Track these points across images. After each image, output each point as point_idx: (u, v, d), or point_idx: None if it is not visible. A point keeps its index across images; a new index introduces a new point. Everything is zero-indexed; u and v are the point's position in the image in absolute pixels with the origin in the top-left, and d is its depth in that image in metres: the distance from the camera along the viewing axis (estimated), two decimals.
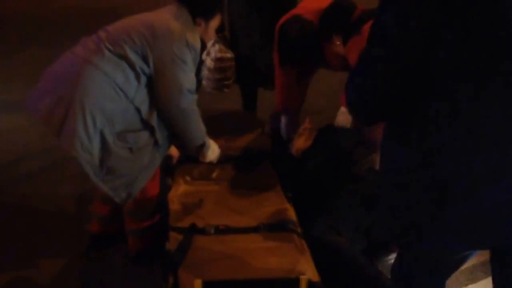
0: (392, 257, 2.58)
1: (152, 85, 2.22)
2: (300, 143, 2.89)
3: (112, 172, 2.21)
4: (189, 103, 2.28)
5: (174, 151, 2.75)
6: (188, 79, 2.25)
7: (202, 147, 2.48)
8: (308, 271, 2.04)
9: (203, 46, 2.38)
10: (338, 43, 2.62)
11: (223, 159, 2.76)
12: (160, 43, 2.18)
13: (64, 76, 2.17)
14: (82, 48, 2.21)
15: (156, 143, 2.29)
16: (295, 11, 2.90)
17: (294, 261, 2.09)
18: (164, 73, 2.20)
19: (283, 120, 3.19)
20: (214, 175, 2.72)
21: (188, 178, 2.69)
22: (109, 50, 2.16)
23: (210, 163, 2.61)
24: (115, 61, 2.15)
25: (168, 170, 2.77)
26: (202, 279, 1.93)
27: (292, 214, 2.42)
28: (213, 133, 2.60)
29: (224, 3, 2.47)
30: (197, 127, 2.39)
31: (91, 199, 2.77)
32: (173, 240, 2.23)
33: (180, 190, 2.59)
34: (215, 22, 2.43)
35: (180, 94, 2.23)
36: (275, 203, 2.49)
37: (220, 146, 2.67)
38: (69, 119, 2.11)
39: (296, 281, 1.94)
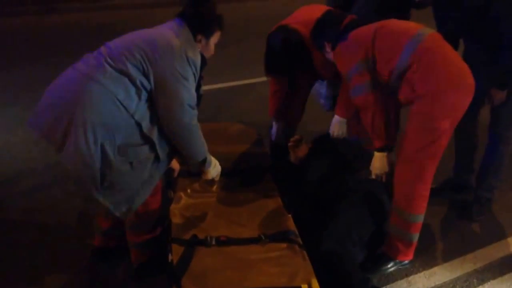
0: (391, 266, 2.61)
1: (153, 101, 2.26)
2: (298, 152, 2.95)
3: (113, 186, 2.23)
4: (191, 118, 2.31)
5: (175, 165, 2.79)
6: (189, 95, 2.29)
7: (204, 163, 2.50)
8: (310, 280, 2.06)
9: (204, 62, 2.42)
10: (329, 50, 2.69)
11: (223, 172, 2.80)
12: (161, 59, 2.22)
13: (66, 92, 2.20)
14: (84, 64, 2.24)
15: (157, 158, 2.31)
16: (283, 22, 2.97)
17: (296, 270, 2.12)
18: (165, 88, 2.24)
19: (274, 126, 3.27)
20: (215, 188, 2.75)
21: (189, 191, 2.72)
22: (111, 66, 2.19)
23: (212, 180, 2.62)
24: (116, 76, 2.19)
25: (169, 183, 2.81)
26: None
27: (292, 224, 2.46)
28: (213, 145, 2.62)
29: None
30: (199, 143, 2.42)
31: (92, 214, 2.79)
32: (175, 252, 2.26)
33: (181, 203, 2.62)
34: (215, 39, 2.48)
35: (182, 109, 2.26)
36: (275, 214, 2.53)
37: (220, 159, 2.69)
38: (70, 135, 2.14)
39: None
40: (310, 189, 2.72)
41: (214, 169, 2.55)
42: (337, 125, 2.94)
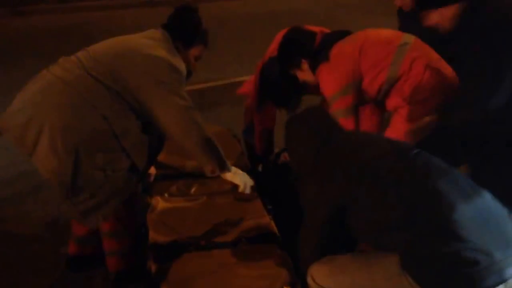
0: None
1: (133, 112, 2.20)
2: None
3: (83, 194, 2.17)
4: (198, 117, 2.27)
5: (151, 169, 2.72)
6: (180, 96, 2.23)
7: (223, 168, 2.42)
8: (292, 283, 2.03)
9: (188, 73, 2.39)
10: (306, 67, 2.61)
11: (200, 175, 2.76)
12: (141, 69, 2.18)
13: (39, 95, 2.13)
14: (60, 68, 2.18)
15: (133, 166, 2.26)
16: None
17: (277, 273, 2.09)
18: (154, 100, 2.19)
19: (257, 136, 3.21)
20: (193, 191, 2.70)
21: (166, 195, 2.66)
22: (88, 73, 2.13)
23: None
24: (93, 83, 2.13)
25: (146, 188, 2.75)
26: None
27: (272, 226, 2.42)
28: None
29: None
30: (212, 145, 2.35)
31: (64, 223, 2.74)
32: (154, 259, 2.21)
33: (158, 207, 2.56)
34: (196, 52, 2.44)
35: (184, 112, 2.23)
36: (255, 217, 2.48)
37: (196, 163, 2.64)
38: (42, 139, 2.07)
39: None
40: (289, 191, 2.68)
41: (238, 175, 2.48)
42: None
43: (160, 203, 2.59)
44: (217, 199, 2.66)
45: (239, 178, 2.47)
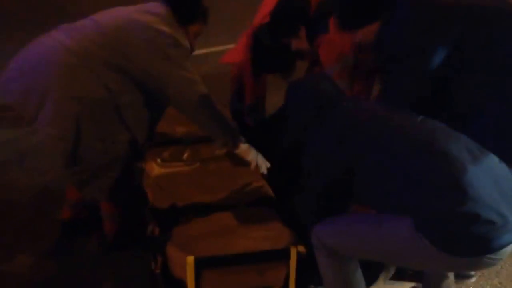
0: None
1: (136, 86, 2.20)
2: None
3: (83, 163, 2.19)
4: (206, 90, 2.29)
5: None
6: (187, 70, 2.25)
7: (235, 141, 2.45)
8: (294, 242, 2.09)
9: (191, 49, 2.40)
10: (303, 34, 2.60)
11: (191, 141, 2.80)
12: (149, 44, 2.18)
13: (44, 63, 2.11)
14: (66, 37, 2.15)
15: (133, 140, 2.27)
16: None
17: (280, 233, 2.14)
18: (162, 75, 2.21)
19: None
20: (185, 156, 2.72)
21: (159, 160, 2.67)
22: (96, 45, 2.13)
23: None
24: (100, 57, 2.13)
25: (137, 154, 2.75)
26: (194, 255, 1.95)
27: (268, 190, 2.47)
28: (180, 118, 2.61)
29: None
30: (222, 117, 2.40)
31: (53, 190, 2.75)
32: (156, 221, 2.24)
33: (154, 172, 2.57)
34: (195, 28, 2.43)
35: (193, 86, 2.26)
36: (250, 180, 2.52)
37: (186, 130, 2.71)
38: (45, 107, 2.06)
39: (287, 251, 2.00)
40: (282, 155, 2.72)
41: (252, 152, 2.48)
42: None
43: (155, 168, 2.60)
44: (211, 164, 2.68)
45: (252, 155, 2.47)
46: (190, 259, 1.94)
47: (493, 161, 1.73)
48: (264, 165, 2.48)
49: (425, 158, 1.71)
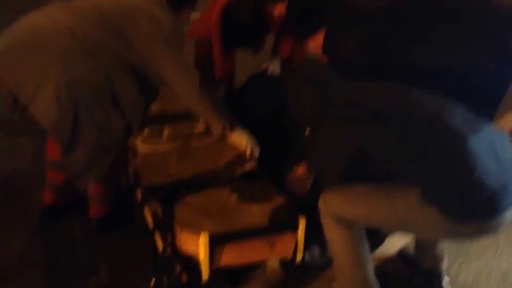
0: None
1: (133, 73, 2.16)
2: None
3: (79, 149, 2.12)
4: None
5: None
6: (184, 56, 2.25)
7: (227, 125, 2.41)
8: (295, 213, 2.15)
9: None
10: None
11: (169, 118, 2.80)
12: (149, 30, 2.13)
13: (44, 43, 2.01)
14: (68, 19, 2.07)
15: (127, 126, 2.23)
16: None
17: (281, 204, 2.21)
18: (163, 60, 2.17)
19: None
20: (165, 134, 2.71)
21: (139, 139, 2.64)
22: (96, 30, 2.06)
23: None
24: (101, 42, 2.07)
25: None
26: (206, 231, 1.98)
27: (255, 164, 2.50)
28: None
29: None
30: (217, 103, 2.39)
31: (35, 173, 2.64)
32: (154, 201, 2.23)
33: (139, 152, 2.54)
34: (185, 14, 2.42)
35: (192, 71, 2.26)
36: (237, 155, 2.55)
37: (160, 108, 2.72)
38: (46, 90, 1.99)
39: (296, 221, 2.08)
40: (261, 127, 2.76)
41: (245, 136, 2.44)
42: (274, 63, 3.04)
43: (140, 147, 2.57)
44: (192, 141, 2.69)
45: (245, 138, 2.45)
46: (205, 235, 1.96)
47: (488, 129, 1.86)
48: (256, 149, 2.49)
49: (428, 130, 1.81)
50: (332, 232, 2.03)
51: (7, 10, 2.36)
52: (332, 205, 2.00)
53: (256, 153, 2.43)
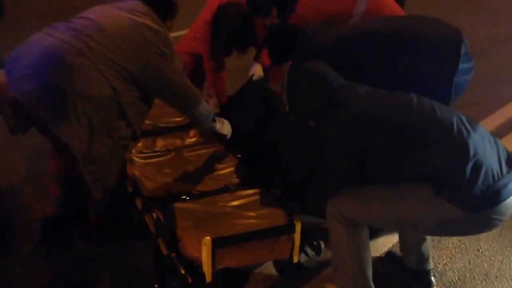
0: None
1: (135, 84, 2.29)
2: None
3: (96, 161, 2.25)
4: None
5: None
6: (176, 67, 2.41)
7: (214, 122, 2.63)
8: (291, 217, 2.27)
9: None
10: (275, 14, 2.84)
11: (159, 131, 2.92)
12: (147, 42, 2.28)
13: (54, 62, 2.14)
14: (69, 36, 2.19)
15: (133, 134, 2.37)
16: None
17: (278, 211, 2.32)
18: (159, 71, 2.32)
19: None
20: (159, 146, 2.81)
21: (133, 151, 2.73)
22: (101, 46, 2.19)
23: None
24: (106, 58, 2.19)
25: None
26: (208, 236, 2.06)
27: (243, 170, 2.64)
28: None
29: None
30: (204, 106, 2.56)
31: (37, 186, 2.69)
32: (156, 211, 2.32)
33: (135, 164, 2.63)
34: (170, 23, 2.55)
35: (185, 80, 2.43)
36: (229, 165, 2.68)
37: (153, 118, 2.84)
38: (63, 105, 2.11)
39: (293, 225, 2.19)
40: (249, 136, 2.87)
41: (224, 126, 2.67)
42: (257, 68, 3.20)
43: (136, 160, 2.66)
44: (184, 152, 2.79)
45: (226, 128, 2.68)
46: (207, 239, 2.05)
47: (482, 128, 2.01)
48: (229, 132, 2.74)
49: (436, 131, 1.94)
50: (339, 237, 2.14)
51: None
52: (344, 208, 2.10)
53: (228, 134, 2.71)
